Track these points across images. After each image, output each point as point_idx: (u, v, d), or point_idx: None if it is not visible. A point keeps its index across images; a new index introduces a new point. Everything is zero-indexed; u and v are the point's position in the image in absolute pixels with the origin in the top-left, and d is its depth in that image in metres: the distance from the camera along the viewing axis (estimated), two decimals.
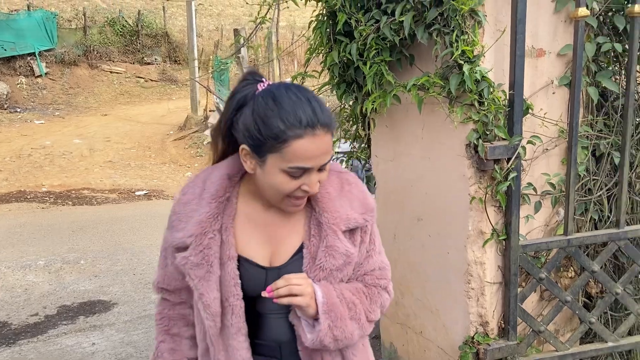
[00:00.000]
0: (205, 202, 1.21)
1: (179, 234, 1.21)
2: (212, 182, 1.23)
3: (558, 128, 2.16)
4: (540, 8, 2.04)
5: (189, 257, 1.19)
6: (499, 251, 2.11)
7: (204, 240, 1.19)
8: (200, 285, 1.20)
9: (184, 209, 1.23)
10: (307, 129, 1.08)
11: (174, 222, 1.24)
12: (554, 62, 2.14)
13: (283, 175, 1.12)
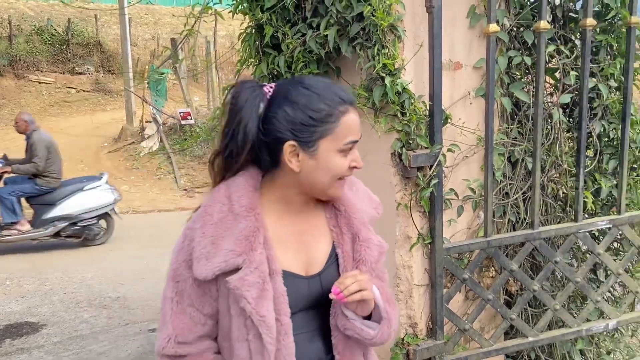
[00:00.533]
0: (242, 216, 1.13)
1: (220, 258, 1.10)
2: (240, 196, 1.15)
3: (476, 136, 2.30)
4: (455, 24, 2.17)
5: (244, 277, 1.09)
6: (425, 254, 2.21)
7: (255, 257, 1.11)
8: (259, 306, 1.10)
9: (217, 230, 1.12)
10: (348, 105, 1.15)
11: (206, 248, 1.11)
12: (470, 74, 2.27)
13: (338, 155, 1.15)
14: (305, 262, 1.20)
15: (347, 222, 1.23)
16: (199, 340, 1.18)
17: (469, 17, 2.22)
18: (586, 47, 2.17)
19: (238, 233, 1.11)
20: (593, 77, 2.37)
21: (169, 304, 1.16)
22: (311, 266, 1.20)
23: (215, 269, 1.10)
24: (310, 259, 1.21)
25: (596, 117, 2.43)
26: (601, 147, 2.46)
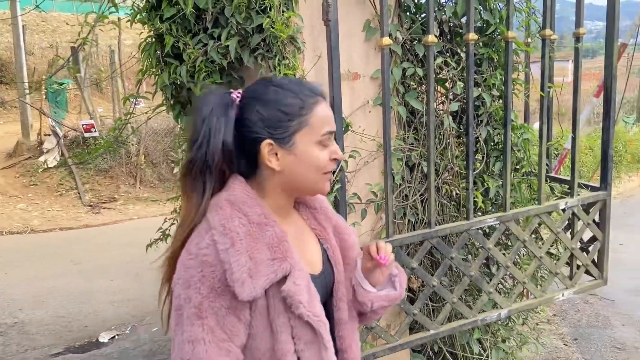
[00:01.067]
0: (264, 224, 1.09)
1: (266, 270, 1.03)
2: (251, 206, 1.10)
3: (376, 143, 2.43)
4: (353, 36, 2.29)
5: (296, 281, 1.06)
6: None
7: (296, 259, 1.10)
8: (313, 307, 1.09)
9: (249, 244, 1.05)
10: (318, 97, 1.15)
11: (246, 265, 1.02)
12: (368, 84, 2.40)
13: (317, 147, 1.13)
14: (310, 263, 1.21)
15: (326, 216, 1.29)
16: None
17: (364, 30, 2.35)
18: (470, 60, 2.37)
19: (269, 241, 1.07)
20: (478, 87, 2.59)
21: (202, 346, 1.01)
22: (313, 266, 1.21)
23: (264, 283, 1.03)
24: (310, 260, 1.21)
25: (482, 124, 2.65)
26: (488, 151, 2.69)
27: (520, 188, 2.77)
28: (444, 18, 2.55)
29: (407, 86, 2.52)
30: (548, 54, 2.57)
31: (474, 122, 2.57)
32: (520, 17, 2.62)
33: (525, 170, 2.85)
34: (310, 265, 1.18)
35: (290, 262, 1.07)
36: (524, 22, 2.63)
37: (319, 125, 1.13)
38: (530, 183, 2.86)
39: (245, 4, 1.87)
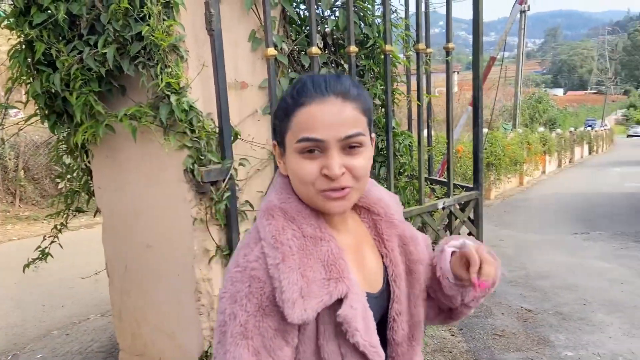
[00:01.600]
0: (319, 238, 0.95)
1: (319, 291, 0.90)
2: (305, 216, 0.97)
3: (267, 150, 2.47)
4: (238, 46, 2.32)
5: (354, 306, 0.93)
6: (224, 266, 2.28)
7: (353, 281, 0.95)
8: (369, 336, 0.95)
9: (303, 260, 0.92)
10: (314, 96, 0.92)
11: (298, 284, 0.89)
12: (256, 93, 2.44)
13: (298, 157, 0.92)
14: (369, 279, 1.05)
15: (390, 225, 1.09)
16: None
17: (250, 40, 2.39)
18: (352, 71, 2.49)
19: (324, 258, 0.94)
20: None
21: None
22: (372, 284, 1.05)
23: (316, 306, 0.90)
24: (369, 276, 1.05)
25: None
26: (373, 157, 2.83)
27: (404, 191, 2.95)
28: (327, 31, 2.66)
29: None
30: (423, 66, 2.78)
31: None
32: (396, 32, 2.80)
33: (408, 174, 3.03)
34: (368, 283, 1.04)
35: (347, 284, 0.93)
36: (400, 37, 2.82)
37: (298, 129, 0.92)
38: (413, 186, 3.05)
39: (122, 11, 1.82)
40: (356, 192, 0.96)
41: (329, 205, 0.94)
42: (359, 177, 0.93)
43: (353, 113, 0.93)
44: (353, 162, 0.92)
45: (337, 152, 0.91)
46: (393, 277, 1.06)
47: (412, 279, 1.08)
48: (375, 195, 1.09)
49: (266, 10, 2.21)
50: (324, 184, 0.92)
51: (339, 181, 0.91)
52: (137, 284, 2.46)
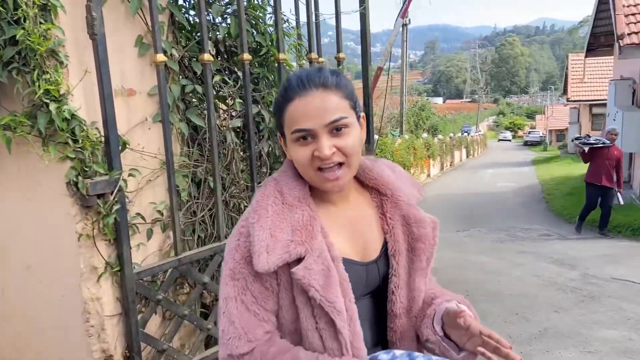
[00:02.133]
0: (296, 207, 1.12)
1: (281, 250, 1.07)
2: (291, 188, 1.15)
3: (158, 160, 2.38)
4: (124, 52, 2.22)
5: (309, 266, 1.07)
6: (115, 283, 2.16)
7: (317, 244, 1.09)
8: (327, 293, 1.08)
9: (275, 222, 1.09)
10: (297, 91, 1.08)
11: (266, 241, 1.07)
12: (146, 100, 2.34)
13: (295, 145, 1.10)
14: (362, 249, 1.20)
15: (395, 205, 1.22)
16: (265, 335, 1.13)
17: (136, 46, 2.29)
18: (246, 78, 2.49)
19: (295, 223, 1.10)
20: (257, 104, 2.72)
21: (233, 303, 1.11)
22: (367, 253, 1.20)
23: (277, 261, 1.06)
24: (366, 246, 1.20)
25: (264, 139, 2.80)
26: (271, 164, 2.85)
27: None
28: (219, 38, 2.64)
29: (187, 103, 2.53)
30: None
31: (255, 137, 2.69)
32: (289, 41, 2.85)
33: None
34: (360, 252, 1.19)
35: (307, 247, 1.08)
36: (293, 46, 2.87)
37: (290, 122, 1.10)
38: None
39: None
40: (348, 169, 1.12)
41: (326, 185, 1.11)
42: (348, 154, 1.10)
43: (334, 100, 1.09)
44: (341, 142, 1.09)
45: (326, 136, 1.08)
46: (392, 252, 1.21)
47: (412, 256, 1.21)
48: (385, 179, 1.23)
49: (154, 15, 2.14)
50: (317, 163, 1.08)
51: (331, 159, 1.08)
52: (17, 309, 2.23)
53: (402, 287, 1.21)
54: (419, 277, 1.22)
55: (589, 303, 4.57)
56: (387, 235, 1.22)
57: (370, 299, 1.22)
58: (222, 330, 1.14)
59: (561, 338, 3.84)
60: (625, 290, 4.91)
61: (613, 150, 7.82)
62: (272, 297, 1.13)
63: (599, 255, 6.42)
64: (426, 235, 1.21)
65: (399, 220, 1.22)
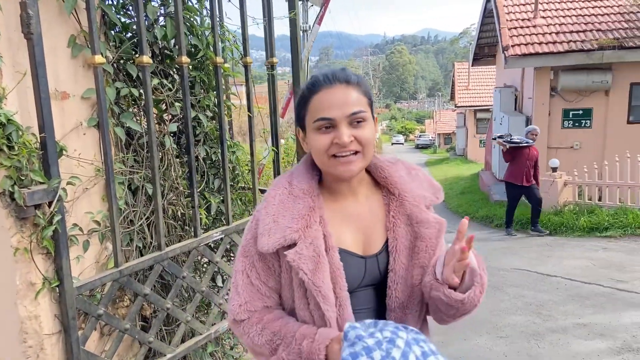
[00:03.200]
0: (300, 198, 1.23)
1: (279, 234, 1.19)
2: (299, 181, 1.27)
3: (94, 167, 2.25)
4: (57, 53, 2.08)
5: (300, 251, 1.18)
6: (53, 299, 2.01)
7: (310, 232, 1.19)
8: (315, 277, 1.17)
9: (279, 210, 1.22)
10: (323, 85, 1.19)
11: (269, 225, 1.21)
12: (79, 104, 2.21)
13: (315, 133, 1.19)
14: (364, 243, 1.28)
15: (400, 204, 1.28)
16: (265, 308, 1.29)
17: (70, 46, 2.16)
18: (185, 82, 2.44)
19: (296, 212, 1.21)
20: (193, 108, 2.67)
21: (240, 276, 1.27)
22: (369, 247, 1.27)
23: (275, 243, 1.18)
24: (368, 241, 1.28)
25: (200, 143, 2.75)
26: (207, 169, 2.80)
27: (238, 201, 2.98)
28: (153, 40, 2.55)
29: (121, 107, 2.42)
30: (251, 79, 2.85)
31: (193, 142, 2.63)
32: (225, 45, 2.83)
33: (241, 185, 3.07)
34: (362, 245, 1.27)
35: (300, 234, 1.19)
36: (228, 49, 2.85)
37: (313, 112, 1.20)
38: (244, 196, 3.10)
39: None
40: (361, 158, 1.21)
41: (339, 169, 1.20)
42: (364, 144, 1.20)
43: (355, 95, 1.20)
44: (359, 133, 1.19)
45: (346, 126, 1.18)
46: (392, 249, 1.27)
47: (412, 254, 1.28)
48: (395, 179, 1.31)
49: (91, 15, 2.04)
50: (336, 150, 1.18)
51: (349, 147, 1.18)
52: None
53: (399, 282, 1.27)
54: (418, 274, 1.27)
55: (495, 292, 4.99)
56: (388, 232, 1.28)
57: (373, 290, 1.30)
58: (230, 297, 1.31)
59: (475, 326, 4.17)
60: (524, 279, 5.42)
61: (533, 150, 7.87)
62: (274, 276, 1.27)
63: (497, 248, 7.01)
64: (429, 236, 1.26)
65: (403, 220, 1.28)
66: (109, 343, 2.32)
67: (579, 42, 9.24)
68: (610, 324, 4.11)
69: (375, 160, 1.32)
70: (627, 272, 5.43)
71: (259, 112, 3.15)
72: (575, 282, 5.23)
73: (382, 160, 1.34)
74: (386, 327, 1.13)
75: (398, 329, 1.12)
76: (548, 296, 4.84)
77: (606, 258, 6.07)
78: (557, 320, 4.25)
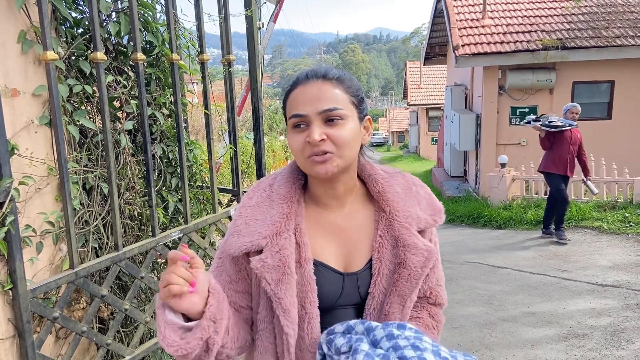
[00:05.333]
0: (276, 203, 1.16)
1: (248, 238, 1.12)
2: (279, 185, 1.19)
3: (47, 166, 2.19)
4: (6, 48, 2.01)
5: (265, 259, 1.10)
6: (6, 303, 1.95)
7: (279, 241, 1.11)
8: (278, 289, 1.10)
9: (253, 212, 1.16)
10: (300, 82, 1.13)
11: (240, 227, 1.15)
12: (30, 102, 2.14)
13: (291, 132, 1.12)
14: (344, 259, 1.18)
15: (389, 224, 1.17)
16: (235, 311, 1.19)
17: (20, 42, 2.09)
18: (141, 79, 2.40)
19: (269, 218, 1.13)
20: (149, 106, 2.63)
21: (212, 275, 1.13)
22: (350, 264, 1.18)
23: (242, 247, 1.11)
24: (351, 257, 1.18)
25: (156, 141, 2.71)
26: (164, 167, 2.77)
27: (197, 200, 2.95)
28: (106, 36, 2.50)
29: (74, 104, 2.36)
30: (208, 77, 2.84)
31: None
32: (181, 41, 2.79)
33: (199, 184, 3.05)
34: (343, 261, 1.17)
35: (268, 241, 1.11)
36: (184, 46, 2.82)
37: (289, 110, 1.13)
38: (201, 194, 3.08)
39: None
40: (338, 159, 1.10)
41: (315, 169, 1.10)
42: (339, 145, 1.09)
43: (332, 91, 1.11)
44: (332, 131, 1.09)
45: (319, 124, 1.09)
46: (375, 270, 1.16)
47: (394, 279, 1.15)
48: (388, 195, 1.19)
49: (42, 9, 1.98)
50: (309, 150, 1.09)
51: (319, 146, 1.08)
52: None
53: (376, 308, 1.16)
54: (395, 303, 1.16)
55: (449, 285, 5.13)
56: (373, 252, 1.17)
57: (355, 311, 1.18)
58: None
59: None
60: (476, 271, 5.61)
61: (575, 132, 6.54)
62: (246, 280, 1.19)
63: (449, 242, 7.22)
64: (414, 263, 1.14)
65: (390, 241, 1.17)
66: (65, 346, 2.26)
67: (524, 42, 9.62)
68: (557, 311, 4.32)
69: (371, 171, 1.23)
70: (571, 262, 5.72)
71: (215, 110, 3.13)
72: (524, 273, 5.46)
73: (379, 171, 1.24)
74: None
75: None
76: (499, 287, 5.04)
77: (552, 249, 6.36)
78: (508, 310, 4.43)
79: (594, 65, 9.62)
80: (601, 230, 7.04)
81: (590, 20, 10.14)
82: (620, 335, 3.78)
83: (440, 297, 1.31)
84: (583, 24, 10.06)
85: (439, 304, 1.32)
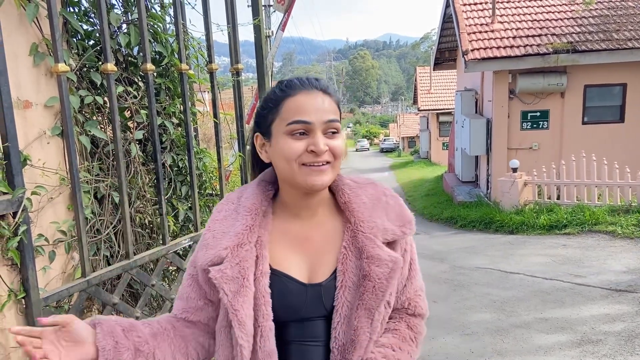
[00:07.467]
0: (241, 215, 1.16)
1: (213, 250, 1.13)
2: (246, 197, 1.20)
3: (59, 176, 2.22)
4: (19, 61, 2.05)
5: (224, 270, 1.11)
6: (20, 311, 1.98)
7: (240, 252, 1.12)
8: (235, 300, 1.10)
9: (220, 226, 1.18)
10: (301, 88, 1.13)
11: (208, 240, 1.17)
12: (42, 113, 2.18)
13: (288, 138, 1.11)
14: (310, 270, 1.17)
15: (354, 235, 1.17)
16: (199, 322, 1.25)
17: (31, 54, 2.13)
18: (150, 89, 2.43)
19: (233, 230, 1.14)
20: (159, 115, 2.66)
21: (184, 283, 1.24)
22: (315, 275, 1.17)
23: (207, 260, 1.13)
24: (316, 268, 1.17)
25: (166, 150, 2.74)
26: (174, 176, 2.79)
27: (207, 208, 2.97)
28: (117, 47, 2.54)
29: (85, 115, 2.40)
30: (217, 86, 2.86)
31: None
32: (190, 51, 2.83)
33: (208, 192, 3.07)
34: (307, 272, 1.17)
35: (229, 252, 1.12)
36: (193, 56, 2.85)
37: (287, 115, 1.11)
38: (211, 202, 3.10)
39: None
40: (332, 170, 1.14)
41: (310, 178, 1.11)
42: (336, 155, 1.13)
43: (331, 104, 1.15)
44: (333, 143, 1.12)
45: (321, 134, 1.11)
46: (339, 283, 1.14)
47: (360, 292, 1.13)
48: (354, 205, 1.19)
49: (54, 22, 2.01)
50: (309, 159, 1.11)
51: (323, 156, 1.11)
52: None
53: (343, 323, 1.14)
54: (363, 317, 1.13)
55: (461, 291, 5.12)
56: (338, 263, 1.16)
57: (325, 323, 1.16)
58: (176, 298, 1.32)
59: (443, 325, 4.27)
60: (488, 277, 5.58)
61: None
62: (216, 290, 1.18)
63: (461, 248, 7.18)
64: (378, 275, 1.12)
65: (354, 252, 1.15)
66: None
67: (535, 46, 9.58)
68: (570, 317, 4.28)
69: (339, 181, 1.23)
70: (584, 267, 5.66)
71: (224, 119, 3.16)
72: (536, 278, 5.41)
73: (347, 181, 1.24)
74: None
75: None
76: (511, 293, 5.00)
77: (565, 254, 6.30)
78: (521, 316, 4.39)
79: (606, 68, 9.55)
80: (615, 235, 6.96)
81: (601, 23, 10.08)
82: (634, 341, 3.73)
83: (420, 307, 1.30)
84: (594, 27, 10.00)
85: (418, 314, 1.30)
